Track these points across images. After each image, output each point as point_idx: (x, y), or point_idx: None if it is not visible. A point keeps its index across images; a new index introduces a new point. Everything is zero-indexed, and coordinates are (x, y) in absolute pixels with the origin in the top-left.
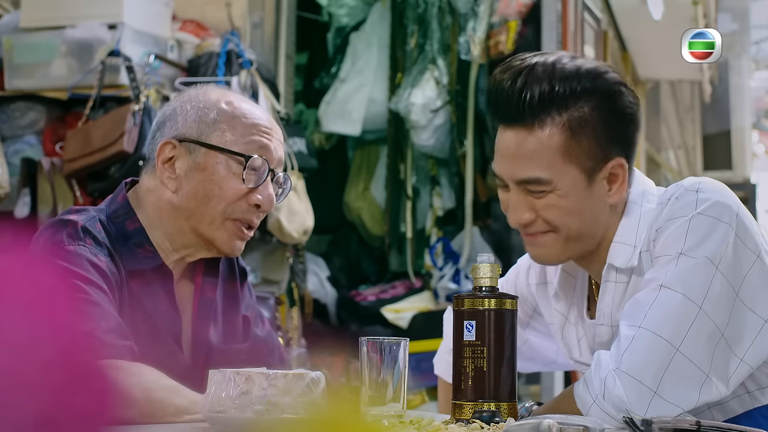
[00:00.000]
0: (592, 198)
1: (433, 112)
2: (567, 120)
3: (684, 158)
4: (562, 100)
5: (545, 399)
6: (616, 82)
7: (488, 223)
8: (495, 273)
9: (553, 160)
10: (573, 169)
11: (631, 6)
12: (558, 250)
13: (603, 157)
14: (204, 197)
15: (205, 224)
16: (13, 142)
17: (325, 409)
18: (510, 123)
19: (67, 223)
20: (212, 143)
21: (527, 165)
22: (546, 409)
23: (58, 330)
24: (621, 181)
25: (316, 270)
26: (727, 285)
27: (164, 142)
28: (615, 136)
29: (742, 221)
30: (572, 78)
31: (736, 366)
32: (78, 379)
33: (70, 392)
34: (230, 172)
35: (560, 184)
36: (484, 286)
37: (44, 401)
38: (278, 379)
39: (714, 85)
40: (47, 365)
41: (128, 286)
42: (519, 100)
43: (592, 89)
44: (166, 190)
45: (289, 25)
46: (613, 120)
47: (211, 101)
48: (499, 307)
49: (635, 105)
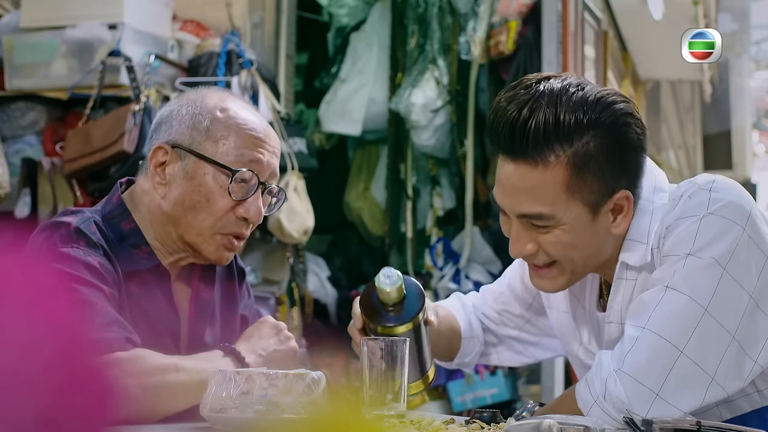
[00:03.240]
0: (597, 230)
1: (434, 112)
2: (571, 155)
3: (684, 158)
4: (566, 135)
5: (545, 399)
6: (623, 113)
7: (488, 223)
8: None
9: (556, 196)
10: (577, 205)
11: (631, 6)
12: (562, 282)
13: (608, 191)
14: (191, 207)
15: (193, 235)
16: (13, 142)
17: (325, 409)
18: (512, 156)
19: (61, 225)
20: (202, 153)
21: (530, 200)
22: (548, 409)
23: (51, 331)
24: (626, 212)
25: (317, 270)
26: (737, 287)
27: (157, 147)
28: (620, 170)
29: (755, 222)
30: (579, 109)
31: (750, 368)
32: (73, 380)
33: (66, 393)
34: (218, 185)
35: (564, 219)
36: (389, 306)
37: (39, 403)
38: (279, 379)
39: (714, 85)
40: (42, 366)
41: (125, 286)
42: (522, 134)
43: (597, 122)
44: (157, 195)
45: (289, 25)
46: (618, 153)
47: (207, 108)
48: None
49: (642, 135)
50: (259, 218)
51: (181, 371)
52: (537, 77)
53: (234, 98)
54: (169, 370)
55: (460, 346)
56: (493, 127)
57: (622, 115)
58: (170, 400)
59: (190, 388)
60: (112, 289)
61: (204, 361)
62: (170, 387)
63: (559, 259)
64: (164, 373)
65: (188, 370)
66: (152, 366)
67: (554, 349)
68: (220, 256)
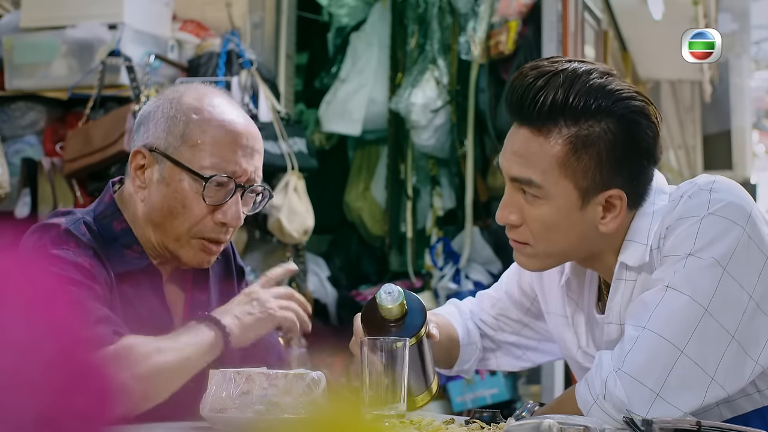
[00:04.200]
0: (583, 220)
1: (434, 112)
2: (574, 134)
3: (684, 158)
4: (572, 114)
5: (545, 399)
6: (637, 110)
7: (488, 223)
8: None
9: (549, 168)
10: (568, 184)
11: (631, 6)
12: (537, 264)
13: (602, 183)
14: (168, 213)
15: (171, 240)
16: (13, 142)
17: (325, 409)
18: (519, 121)
19: (51, 227)
20: (176, 158)
21: (524, 164)
22: (548, 409)
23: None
24: (617, 213)
25: (317, 270)
26: (737, 287)
27: (136, 150)
28: (621, 166)
29: (755, 223)
30: (592, 94)
31: (752, 369)
32: (68, 379)
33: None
34: (193, 191)
35: (552, 193)
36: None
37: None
38: (279, 378)
39: (714, 85)
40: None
41: (117, 287)
42: (532, 101)
43: (607, 111)
44: (137, 198)
45: (289, 25)
46: (622, 148)
47: (182, 109)
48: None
49: (652, 139)
50: (238, 222)
51: (167, 352)
52: (569, 57)
53: (212, 95)
54: (155, 354)
55: (458, 354)
56: (510, 89)
57: (635, 112)
58: (162, 382)
59: (177, 367)
60: (103, 289)
61: (186, 336)
62: (160, 370)
63: (537, 239)
64: (150, 358)
65: (173, 350)
66: (139, 354)
67: (553, 353)
68: (200, 260)
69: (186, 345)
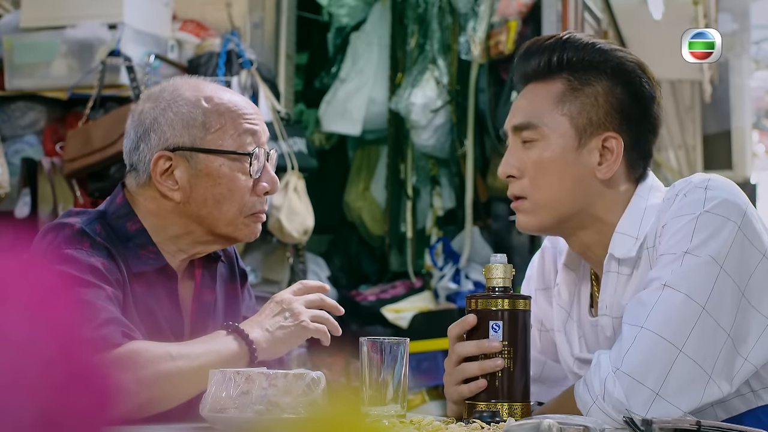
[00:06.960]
0: (579, 164)
1: (434, 112)
2: (573, 77)
3: (684, 158)
4: (573, 66)
5: None
6: (634, 64)
7: (488, 223)
8: (509, 274)
9: (545, 105)
10: (564, 121)
11: (631, 6)
12: (534, 220)
13: (599, 124)
14: (215, 202)
15: (222, 225)
16: (13, 142)
17: (325, 409)
18: (524, 82)
19: (65, 227)
20: (208, 147)
21: (522, 110)
22: (546, 409)
23: (50, 331)
24: (614, 158)
25: (317, 270)
26: (732, 284)
27: (158, 156)
28: (617, 107)
29: (750, 220)
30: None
31: (740, 366)
32: (71, 380)
33: (65, 393)
34: (234, 171)
35: (548, 131)
36: (498, 287)
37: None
38: (278, 378)
39: (714, 85)
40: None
41: (131, 287)
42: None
43: (605, 63)
44: (168, 201)
45: (289, 25)
46: (620, 93)
47: (191, 102)
48: (512, 308)
49: (650, 93)
50: (276, 186)
51: (178, 359)
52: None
53: (203, 82)
54: (164, 360)
55: None
56: (516, 60)
57: (632, 66)
58: (170, 390)
59: (189, 376)
60: (115, 290)
61: (205, 344)
62: (168, 377)
63: (533, 187)
64: (159, 364)
65: (185, 357)
66: (146, 358)
67: None
68: (256, 233)
69: (203, 353)
